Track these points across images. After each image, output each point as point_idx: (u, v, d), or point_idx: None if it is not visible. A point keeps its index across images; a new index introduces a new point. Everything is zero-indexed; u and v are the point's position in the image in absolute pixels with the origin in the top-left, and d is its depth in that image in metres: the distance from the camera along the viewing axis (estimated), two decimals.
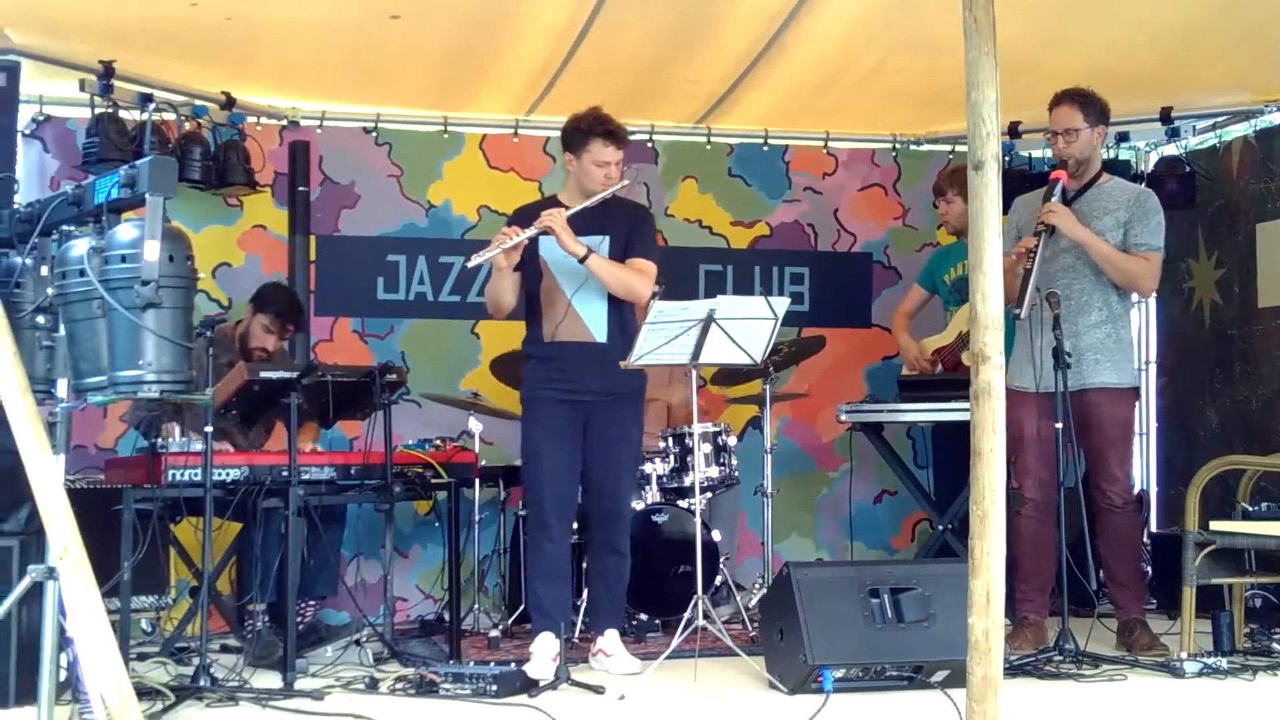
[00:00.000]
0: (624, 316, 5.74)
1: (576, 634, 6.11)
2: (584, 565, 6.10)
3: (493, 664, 5.16)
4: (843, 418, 7.13)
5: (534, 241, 5.62)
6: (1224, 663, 5.26)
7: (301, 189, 7.38)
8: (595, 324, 5.70)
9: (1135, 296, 6.30)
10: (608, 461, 5.70)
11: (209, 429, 5.20)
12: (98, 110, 6.68)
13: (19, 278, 3.91)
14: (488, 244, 5.69)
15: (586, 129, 5.68)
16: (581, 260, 5.55)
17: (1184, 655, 5.38)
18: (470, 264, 5.74)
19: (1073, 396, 5.87)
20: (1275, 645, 5.64)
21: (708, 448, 6.79)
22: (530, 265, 5.70)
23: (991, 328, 3.89)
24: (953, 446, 7.21)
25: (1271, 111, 7.47)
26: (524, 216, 5.73)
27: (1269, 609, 6.54)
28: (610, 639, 5.65)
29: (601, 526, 5.77)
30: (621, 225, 5.74)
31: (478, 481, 6.66)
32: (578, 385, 5.66)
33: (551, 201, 5.83)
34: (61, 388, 3.81)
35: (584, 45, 6.61)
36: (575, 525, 6.10)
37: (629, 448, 5.78)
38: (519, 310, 5.87)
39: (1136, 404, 6.22)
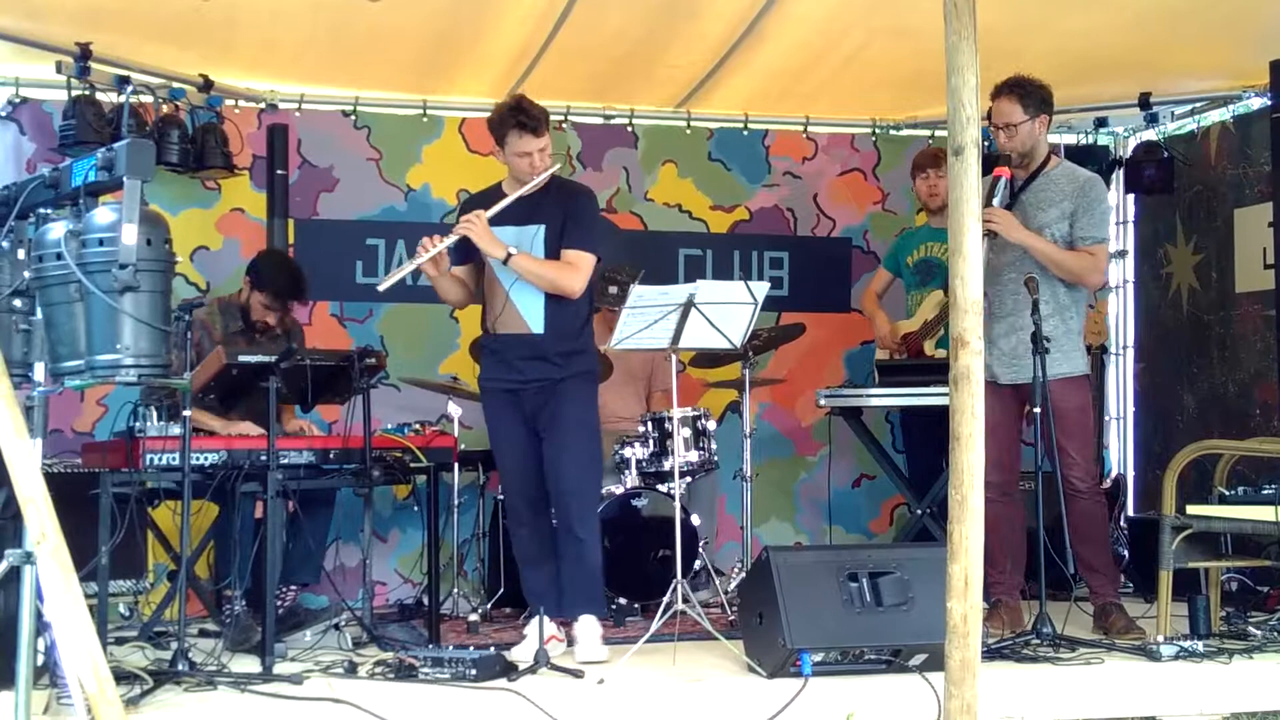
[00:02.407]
0: (564, 305, 5.66)
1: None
2: None
3: (472, 648, 5.15)
4: (822, 402, 7.13)
5: (460, 238, 5.60)
6: (1200, 646, 5.27)
7: (280, 172, 7.35)
8: (532, 316, 5.66)
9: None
10: (556, 445, 5.65)
11: (187, 413, 5.18)
12: (74, 93, 6.65)
13: None
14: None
15: (501, 122, 5.63)
16: (504, 262, 5.54)
17: (1160, 639, 5.39)
18: (381, 286, 5.65)
19: (1023, 388, 5.91)
20: (1251, 629, 5.66)
21: (687, 432, 6.78)
22: (476, 256, 5.70)
23: (971, 312, 3.90)
24: (926, 433, 7.25)
25: (1250, 97, 7.50)
26: (474, 205, 5.73)
27: (1245, 592, 6.58)
28: (582, 625, 5.59)
29: (558, 510, 5.72)
30: (558, 212, 5.67)
31: (457, 466, 6.65)
32: (521, 375, 5.66)
33: (495, 190, 5.79)
34: (38, 372, 3.79)
35: (564, 28, 6.60)
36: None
37: (572, 427, 5.67)
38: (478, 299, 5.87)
39: (1089, 389, 6.22)
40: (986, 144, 7.52)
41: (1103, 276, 6.16)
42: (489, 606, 6.68)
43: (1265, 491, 5.58)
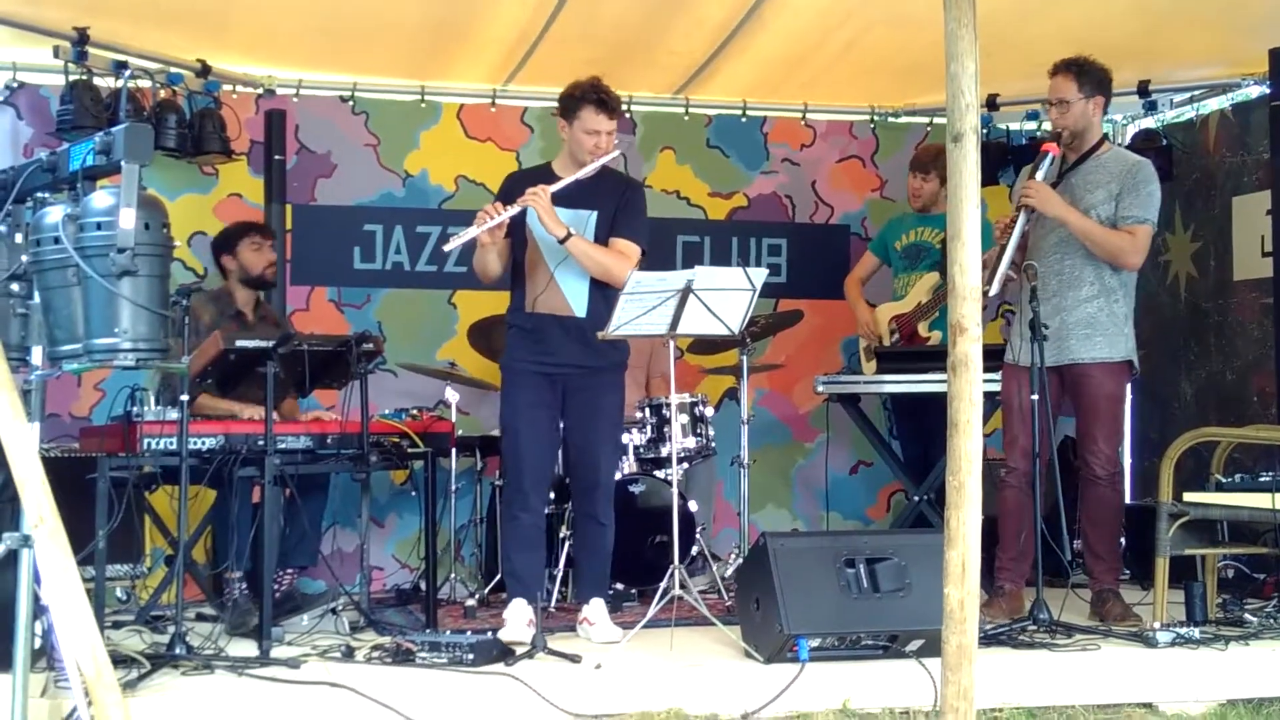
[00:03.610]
0: (607, 291, 5.69)
1: (557, 603, 6.15)
2: (566, 535, 6.12)
3: (469, 633, 5.15)
4: (820, 389, 7.14)
5: (522, 210, 5.57)
6: (1196, 633, 5.28)
7: (277, 158, 7.35)
8: (575, 298, 5.67)
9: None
10: (586, 433, 5.70)
11: (185, 397, 5.18)
12: (72, 77, 6.64)
13: None
14: (469, 217, 5.63)
15: (580, 95, 5.64)
16: (562, 241, 5.52)
17: (1157, 625, 5.40)
18: (448, 247, 5.64)
19: (1064, 370, 5.90)
20: (1247, 615, 5.67)
21: (685, 418, 6.78)
22: (517, 234, 5.67)
23: (969, 299, 3.90)
24: (913, 418, 7.25)
25: (1248, 85, 7.50)
26: (515, 185, 5.69)
27: (1241, 579, 6.60)
28: (595, 608, 5.65)
29: (581, 497, 5.79)
30: (610, 201, 5.70)
31: (454, 451, 6.66)
32: (556, 358, 5.65)
33: (544, 170, 5.79)
34: (36, 355, 3.78)
35: (562, 14, 6.59)
36: (553, 495, 6.16)
37: (607, 419, 5.76)
38: (503, 279, 5.82)
39: (1129, 378, 6.19)
40: (985, 131, 7.57)
41: (1141, 258, 6.07)
42: (486, 591, 6.68)
43: (1262, 479, 5.59)
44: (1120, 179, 5.96)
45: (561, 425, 5.74)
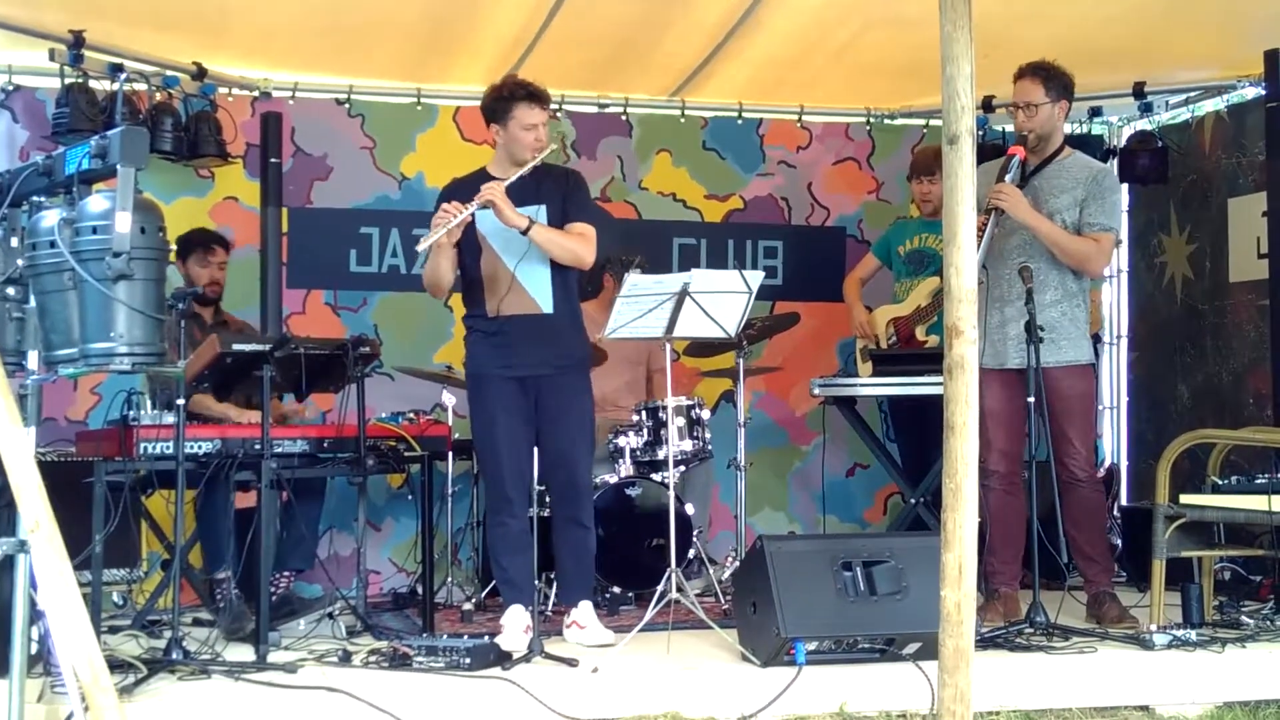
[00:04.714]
0: (568, 284, 5.69)
1: (549, 607, 6.15)
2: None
3: (466, 637, 5.16)
4: (816, 391, 7.13)
5: (474, 211, 5.54)
6: (1193, 635, 5.28)
7: (273, 161, 7.33)
8: (540, 294, 5.64)
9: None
10: (559, 435, 5.67)
11: (181, 401, 5.17)
12: (68, 80, 6.63)
13: None
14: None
15: (509, 95, 5.62)
16: (524, 232, 5.49)
17: (1153, 628, 5.41)
18: (420, 247, 5.64)
19: (1038, 374, 5.91)
20: (1244, 618, 5.67)
21: (681, 421, 6.78)
22: (467, 242, 5.62)
23: (965, 301, 3.90)
24: (912, 421, 7.25)
25: (1244, 86, 7.49)
26: (459, 191, 5.66)
27: (1238, 582, 6.59)
28: (584, 611, 5.65)
29: (561, 500, 5.76)
30: (556, 191, 5.69)
31: (451, 455, 6.64)
32: (524, 360, 5.61)
33: (482, 175, 5.75)
34: (32, 360, 3.79)
35: (558, 16, 6.60)
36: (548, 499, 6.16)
37: (580, 419, 5.72)
38: (456, 286, 5.80)
39: (1093, 378, 6.24)
40: (981, 133, 7.57)
41: (1105, 265, 6.17)
42: (483, 595, 6.68)
43: (1258, 481, 5.59)
44: (1085, 185, 5.99)
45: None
